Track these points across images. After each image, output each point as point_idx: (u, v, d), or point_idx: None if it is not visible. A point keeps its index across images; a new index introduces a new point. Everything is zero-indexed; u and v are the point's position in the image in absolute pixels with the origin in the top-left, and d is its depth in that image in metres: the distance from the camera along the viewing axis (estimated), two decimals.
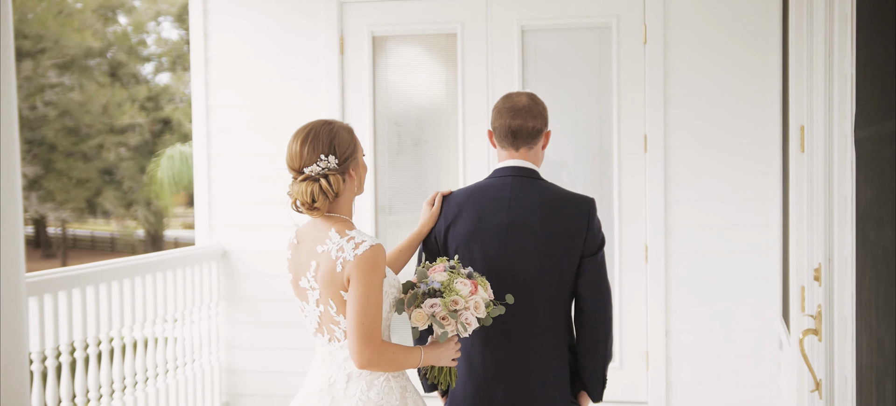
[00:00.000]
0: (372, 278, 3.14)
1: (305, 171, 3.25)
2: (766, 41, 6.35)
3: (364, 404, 3.25)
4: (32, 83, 26.99)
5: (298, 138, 3.26)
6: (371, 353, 3.14)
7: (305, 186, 3.23)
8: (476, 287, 3.30)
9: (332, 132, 3.26)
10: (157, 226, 31.88)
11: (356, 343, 3.14)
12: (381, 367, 3.20)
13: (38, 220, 32.31)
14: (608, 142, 6.66)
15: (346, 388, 3.28)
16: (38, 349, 5.04)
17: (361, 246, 3.14)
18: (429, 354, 3.36)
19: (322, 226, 3.29)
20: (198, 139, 7.15)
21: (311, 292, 3.29)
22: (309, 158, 3.23)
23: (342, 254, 3.16)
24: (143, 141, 29.65)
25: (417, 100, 6.96)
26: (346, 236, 3.20)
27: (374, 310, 3.14)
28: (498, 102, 3.73)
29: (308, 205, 3.25)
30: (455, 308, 3.27)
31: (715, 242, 6.50)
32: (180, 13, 29.39)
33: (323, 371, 3.35)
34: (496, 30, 6.73)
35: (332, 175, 3.24)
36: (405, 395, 3.35)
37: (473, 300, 3.26)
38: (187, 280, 6.52)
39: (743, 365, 6.51)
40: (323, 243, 3.24)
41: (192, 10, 7.12)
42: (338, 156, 3.25)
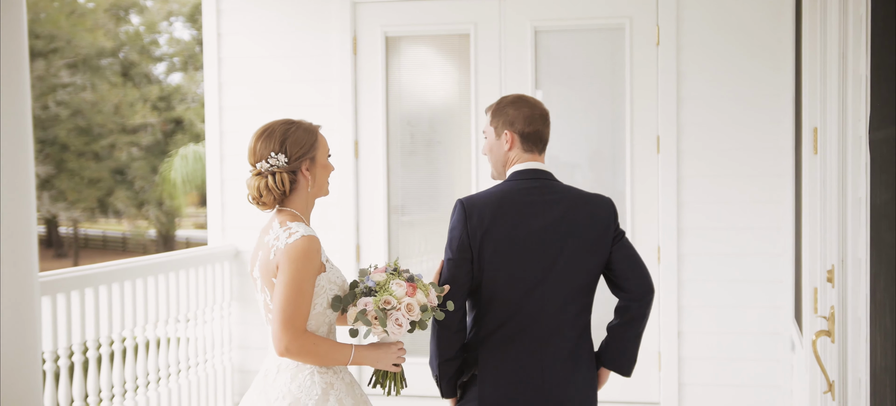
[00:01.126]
0: (299, 267, 3.20)
1: (256, 167, 3.35)
2: (780, 43, 6.34)
3: (283, 395, 3.29)
4: (45, 83, 27.08)
5: (256, 134, 3.37)
6: (289, 339, 3.19)
7: (254, 181, 3.37)
8: (414, 290, 3.32)
9: (286, 132, 3.34)
10: (168, 226, 31.95)
11: (277, 329, 3.21)
12: (300, 356, 3.24)
13: (50, 220, 32.41)
14: (620, 143, 6.66)
15: (274, 378, 3.35)
16: (51, 349, 5.05)
17: (294, 236, 3.24)
18: (363, 354, 3.36)
19: (273, 219, 3.39)
20: (211, 139, 7.17)
21: (257, 281, 3.39)
22: (260, 154, 3.34)
23: (277, 242, 3.26)
24: (154, 141, 29.71)
25: (430, 100, 6.97)
26: (285, 227, 3.29)
27: (298, 298, 3.20)
28: (523, 109, 3.69)
29: (256, 199, 3.38)
30: (386, 307, 3.28)
31: (727, 244, 6.49)
32: (192, 13, 29.45)
33: (265, 362, 3.44)
34: (509, 31, 6.73)
35: (278, 173, 3.33)
36: (329, 391, 3.33)
37: (407, 302, 3.28)
38: (200, 280, 6.53)
39: (755, 366, 6.50)
40: (267, 233, 3.34)
41: (206, 11, 7.13)
42: (288, 154, 3.33)
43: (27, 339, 4.25)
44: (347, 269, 6.88)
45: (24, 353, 4.23)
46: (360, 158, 6.94)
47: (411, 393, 6.03)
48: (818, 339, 3.58)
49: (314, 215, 6.40)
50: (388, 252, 6.91)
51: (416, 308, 3.28)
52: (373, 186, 6.94)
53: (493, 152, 3.71)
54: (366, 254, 6.93)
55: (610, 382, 6.68)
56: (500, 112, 3.68)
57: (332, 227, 6.93)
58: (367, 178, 6.93)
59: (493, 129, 3.69)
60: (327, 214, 6.91)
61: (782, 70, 6.34)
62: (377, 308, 3.28)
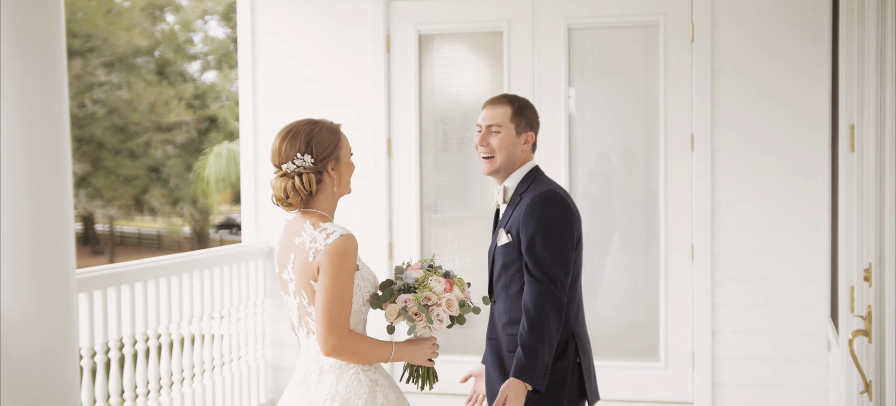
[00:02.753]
0: (340, 266, 3.22)
1: (282, 168, 3.36)
2: (816, 40, 6.29)
3: (332, 397, 3.31)
4: (81, 81, 27.31)
5: (280, 135, 3.37)
6: (336, 340, 3.21)
7: (280, 182, 3.36)
8: (451, 286, 3.36)
9: (311, 132, 3.35)
10: (202, 223, 32.13)
11: (322, 330, 3.22)
12: (346, 356, 3.27)
13: (87, 217, 32.69)
14: (654, 141, 6.62)
15: (318, 380, 3.36)
16: (88, 345, 5.09)
17: (332, 236, 3.24)
18: (402, 350, 3.40)
19: (300, 220, 3.38)
20: (245, 138, 7.20)
21: (290, 284, 3.38)
22: (286, 156, 3.34)
23: (314, 244, 3.26)
24: (189, 139, 29.88)
25: (463, 98, 6.96)
26: (320, 228, 3.29)
27: (342, 297, 3.22)
28: (536, 113, 4.04)
29: (282, 200, 3.38)
30: (427, 303, 3.31)
31: (762, 243, 6.44)
32: (227, 12, 29.59)
33: (302, 364, 3.46)
34: (542, 28, 6.71)
35: (305, 173, 3.34)
36: (375, 388, 3.37)
37: (447, 297, 3.32)
38: (234, 277, 6.56)
39: (790, 366, 6.45)
40: (299, 235, 3.33)
41: (240, 10, 7.17)
42: (314, 155, 3.34)
43: (65, 334, 4.29)
44: (380, 266, 6.89)
45: (61, 349, 4.27)
46: (393, 156, 6.94)
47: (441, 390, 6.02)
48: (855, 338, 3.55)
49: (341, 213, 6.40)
50: (421, 250, 6.92)
51: (455, 304, 3.32)
52: (405, 184, 6.94)
53: (510, 149, 3.90)
54: (398, 251, 6.94)
55: (643, 381, 6.67)
56: (520, 112, 3.91)
57: (363, 225, 6.94)
58: (400, 175, 6.94)
59: (514, 127, 3.89)
60: (359, 211, 6.93)
61: (818, 66, 6.29)
62: (418, 304, 3.30)
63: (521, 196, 3.85)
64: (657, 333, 6.68)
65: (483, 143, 3.90)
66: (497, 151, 3.86)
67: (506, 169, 3.91)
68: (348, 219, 6.72)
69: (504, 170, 3.91)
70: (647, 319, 6.73)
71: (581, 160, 6.76)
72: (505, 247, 3.81)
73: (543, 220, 3.72)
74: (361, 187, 6.92)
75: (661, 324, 6.63)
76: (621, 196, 6.76)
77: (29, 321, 4.13)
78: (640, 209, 6.70)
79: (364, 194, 6.91)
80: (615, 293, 6.80)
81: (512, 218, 3.82)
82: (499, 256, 3.85)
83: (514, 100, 3.93)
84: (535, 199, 3.76)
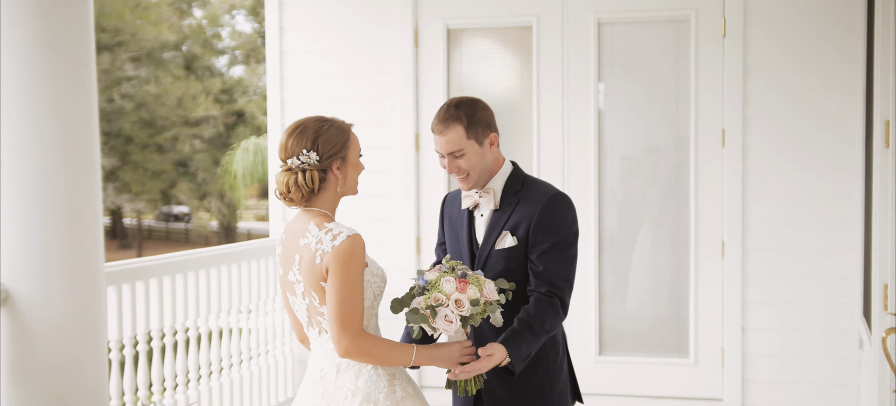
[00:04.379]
0: (349, 268, 3.20)
1: (288, 163, 3.33)
2: (850, 34, 6.23)
3: (353, 393, 3.30)
4: (110, 76, 27.46)
5: (288, 130, 3.35)
6: (348, 341, 3.20)
7: (284, 177, 3.34)
8: (465, 285, 3.30)
9: (319, 129, 3.32)
10: (230, 218, 32.26)
11: (335, 332, 3.21)
12: (361, 357, 3.25)
13: (115, 211, 32.89)
14: (685, 137, 6.58)
15: (336, 378, 3.35)
16: (116, 338, 5.11)
17: (339, 237, 3.21)
18: (425, 354, 3.35)
19: (303, 219, 3.36)
20: (272, 132, 7.20)
21: (297, 285, 3.36)
22: (292, 151, 3.32)
23: (321, 246, 3.23)
24: (216, 133, 30.01)
25: (491, 93, 6.94)
26: (325, 228, 3.26)
27: (352, 298, 3.20)
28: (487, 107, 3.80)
29: (284, 194, 3.36)
30: (436, 304, 3.27)
31: (794, 239, 6.39)
32: (254, 6, 29.68)
33: (316, 363, 3.43)
34: (572, 23, 6.68)
35: (309, 170, 3.31)
36: (393, 382, 3.37)
37: (455, 297, 3.27)
38: (261, 271, 6.56)
39: (822, 364, 6.40)
40: (304, 236, 3.31)
41: (268, 5, 7.17)
42: (320, 153, 3.31)
43: (94, 328, 4.30)
44: (407, 261, 6.88)
45: (90, 342, 4.28)
46: (421, 151, 6.93)
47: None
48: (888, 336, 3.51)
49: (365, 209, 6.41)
50: None
51: (465, 303, 3.26)
52: (433, 179, 6.93)
53: (480, 162, 3.71)
54: (426, 247, 6.93)
55: (673, 378, 6.64)
56: (473, 123, 3.67)
57: (390, 219, 6.93)
58: (428, 170, 6.92)
59: (474, 141, 3.68)
60: (386, 206, 6.92)
61: (853, 62, 6.23)
62: (426, 305, 3.27)
63: (516, 195, 3.73)
64: (687, 330, 6.64)
65: (452, 171, 3.72)
66: (470, 171, 3.69)
67: (484, 178, 3.76)
68: (375, 214, 6.72)
69: (483, 179, 3.76)
70: (676, 316, 6.69)
71: (610, 156, 6.72)
72: (510, 250, 3.67)
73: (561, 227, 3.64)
74: (389, 182, 6.91)
75: (691, 320, 6.59)
76: (651, 192, 6.72)
77: (59, 314, 4.15)
78: (670, 205, 6.66)
79: (392, 189, 6.90)
80: (645, 289, 6.77)
81: (514, 219, 3.68)
82: (499, 260, 3.69)
83: (461, 112, 3.67)
84: (549, 203, 3.66)
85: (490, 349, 3.42)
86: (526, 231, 3.64)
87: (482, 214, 3.80)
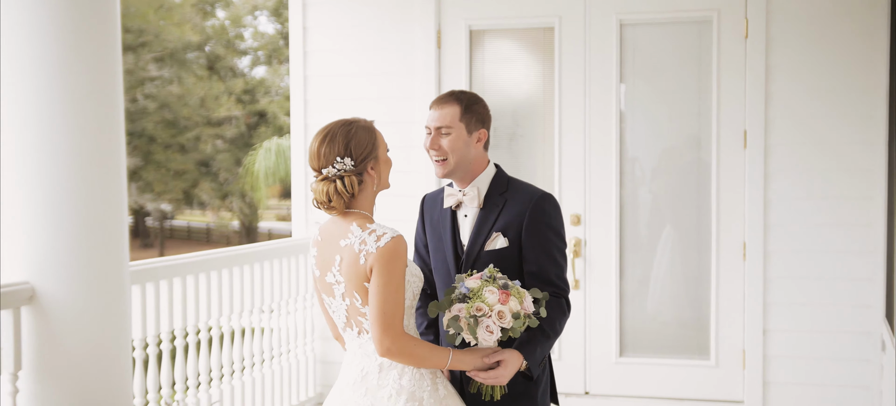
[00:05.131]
0: (393, 268, 3.22)
1: (323, 172, 3.33)
2: (873, 35, 6.21)
3: (397, 392, 3.33)
4: (133, 76, 27.57)
5: (317, 138, 3.35)
6: (390, 341, 3.21)
7: (322, 186, 3.33)
8: (507, 297, 3.31)
9: (348, 133, 3.33)
10: (251, 217, 32.33)
11: (377, 332, 3.22)
12: (401, 357, 3.26)
13: (137, 211, 33.02)
14: (706, 138, 6.57)
15: (378, 378, 3.36)
16: (140, 336, 5.14)
17: (383, 238, 3.23)
18: (460, 358, 3.37)
19: (343, 221, 3.37)
20: (296, 132, 7.23)
21: (336, 286, 3.37)
22: (325, 160, 3.32)
23: (365, 246, 3.24)
24: (238, 133, 30.08)
25: (513, 94, 6.95)
26: (368, 229, 3.27)
27: (395, 299, 3.22)
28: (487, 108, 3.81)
29: (325, 204, 3.35)
30: (478, 314, 3.28)
31: (816, 241, 6.37)
32: (276, 7, 29.74)
33: (356, 364, 3.44)
34: (594, 24, 6.68)
35: (347, 176, 3.31)
36: (436, 380, 3.40)
37: (498, 309, 3.27)
38: (284, 271, 6.59)
39: (844, 366, 6.37)
40: (345, 237, 3.32)
41: (292, 5, 7.20)
42: (354, 157, 3.32)
43: (118, 326, 4.33)
44: None
45: (115, 340, 4.31)
46: None
47: None
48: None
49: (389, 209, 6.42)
50: None
51: (507, 315, 3.28)
52: None
53: (462, 150, 3.69)
54: None
55: (694, 380, 6.63)
56: (470, 109, 3.69)
57: (412, 219, 6.93)
58: None
59: (464, 126, 3.67)
60: (411, 206, 6.93)
61: (875, 62, 6.21)
62: (469, 314, 3.28)
63: (502, 196, 3.71)
64: (708, 331, 6.63)
65: (433, 147, 3.68)
66: (449, 153, 3.66)
67: (462, 170, 3.72)
68: (399, 214, 6.74)
69: (460, 171, 3.72)
70: (697, 317, 6.68)
71: (632, 157, 6.72)
72: (500, 251, 3.64)
73: (553, 227, 3.65)
74: (412, 182, 6.93)
75: (712, 322, 6.58)
76: (672, 193, 6.71)
77: (84, 312, 4.18)
78: (691, 206, 6.65)
79: (414, 189, 6.91)
80: (665, 290, 6.76)
81: (503, 220, 3.66)
82: (489, 261, 3.63)
83: (462, 96, 3.71)
84: (538, 203, 3.65)
85: (504, 355, 3.43)
86: (517, 232, 3.63)
87: (466, 215, 3.77)
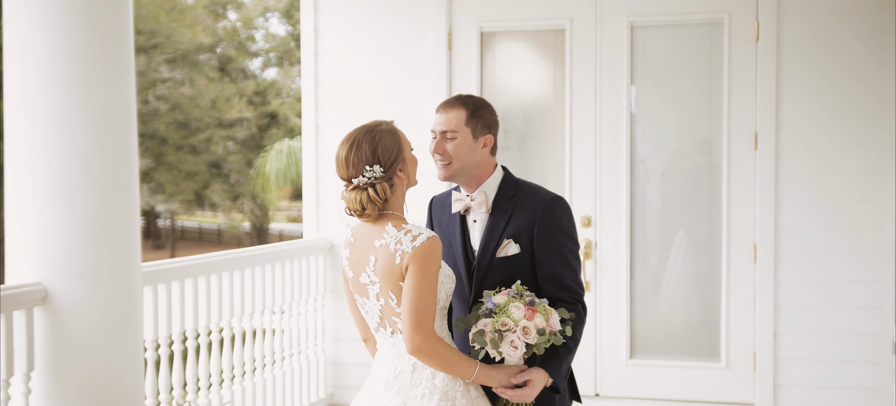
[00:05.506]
0: (428, 268, 3.24)
1: (353, 182, 3.36)
2: (884, 37, 6.20)
3: (430, 391, 3.33)
4: (145, 78, 27.63)
5: (343, 148, 3.37)
6: (422, 340, 3.23)
7: (354, 195, 3.36)
8: (533, 313, 3.31)
9: (374, 140, 3.34)
10: (262, 219, 32.37)
11: (408, 329, 3.24)
12: (430, 358, 3.26)
13: (149, 212, 33.09)
14: (717, 140, 6.57)
15: (411, 376, 3.37)
16: (152, 337, 5.16)
17: (419, 237, 3.27)
18: (486, 372, 3.37)
19: (383, 223, 3.38)
20: (307, 134, 7.24)
21: (371, 287, 3.38)
22: (355, 170, 3.34)
23: (400, 246, 3.27)
24: (250, 135, 30.11)
25: (524, 96, 6.95)
26: (403, 229, 3.31)
27: (428, 298, 3.24)
28: (494, 113, 3.78)
29: (359, 212, 3.38)
30: (503, 329, 3.29)
31: (827, 243, 6.36)
32: (288, 9, 29.78)
33: (388, 363, 3.45)
34: (605, 26, 6.68)
35: (378, 183, 3.34)
36: (467, 383, 3.40)
37: (523, 324, 3.28)
38: (295, 272, 6.61)
39: (855, 369, 6.36)
40: (380, 238, 3.34)
41: (304, 7, 7.21)
42: (382, 163, 3.34)
43: (130, 327, 4.35)
44: None
45: (127, 341, 4.33)
46: None
47: None
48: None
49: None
50: None
51: (532, 331, 3.28)
52: None
53: (467, 155, 3.66)
54: None
55: (704, 382, 6.62)
56: (476, 114, 3.67)
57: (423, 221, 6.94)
58: None
59: (470, 131, 3.65)
60: (422, 209, 6.93)
61: (886, 64, 6.20)
62: (494, 329, 3.29)
63: (511, 201, 3.69)
64: (718, 334, 6.62)
65: (438, 151, 3.65)
66: (454, 158, 3.64)
67: (466, 174, 3.70)
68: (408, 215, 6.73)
69: (464, 175, 3.70)
70: (708, 319, 6.68)
71: (642, 159, 6.72)
72: (512, 258, 3.62)
73: (566, 231, 3.63)
74: (423, 184, 6.93)
75: (723, 324, 6.58)
76: (683, 195, 6.71)
77: (96, 313, 4.20)
78: (702, 209, 6.65)
79: (425, 191, 6.91)
80: (676, 293, 6.76)
81: (514, 226, 3.64)
82: (501, 268, 3.62)
83: (469, 101, 3.68)
84: (549, 208, 3.64)
85: (532, 374, 3.43)
86: (529, 238, 3.61)
87: (475, 220, 3.76)
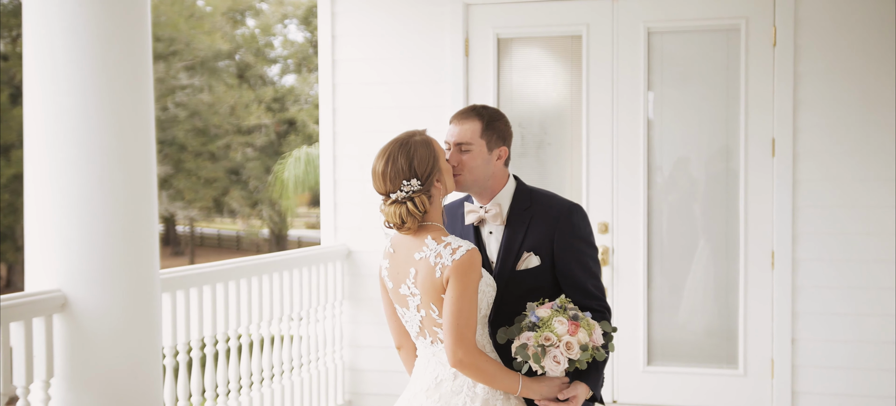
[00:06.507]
0: (468, 281, 3.26)
1: (392, 197, 3.37)
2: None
3: (471, 399, 3.36)
4: (164, 85, 27.72)
5: (379, 163, 3.38)
6: (463, 353, 3.25)
7: (394, 209, 3.37)
8: (576, 328, 3.31)
9: (409, 153, 3.35)
10: (281, 225, 32.42)
11: (450, 342, 3.26)
12: (471, 371, 3.29)
13: (168, 218, 33.19)
14: (734, 146, 6.56)
15: (453, 384, 3.40)
16: (170, 344, 5.17)
17: (459, 251, 3.28)
18: (529, 385, 3.39)
19: (423, 235, 3.39)
20: (324, 141, 7.26)
21: (411, 298, 3.40)
22: (392, 184, 3.36)
23: (440, 259, 3.29)
24: (268, 141, 30.18)
25: (540, 102, 6.95)
26: (443, 242, 3.32)
27: (469, 310, 3.26)
28: (509, 124, 3.77)
29: (399, 226, 3.39)
30: (546, 344, 3.29)
31: (845, 250, 6.34)
32: (306, 16, 29.83)
33: (429, 371, 3.47)
34: (621, 32, 6.68)
35: (417, 197, 3.35)
36: None
37: (566, 340, 3.29)
38: (313, 279, 6.62)
39: (873, 376, 6.33)
40: (420, 250, 3.36)
41: (321, 14, 7.23)
42: (419, 176, 3.35)
43: (149, 333, 4.37)
44: None
45: (145, 348, 4.35)
46: None
47: None
48: None
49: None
50: None
51: (575, 347, 3.29)
52: None
53: (482, 167, 3.64)
54: None
55: (722, 389, 6.60)
56: (491, 126, 3.66)
57: None
58: None
59: (484, 143, 3.64)
60: None
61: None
62: (537, 344, 3.30)
63: (527, 212, 3.67)
64: (736, 340, 6.61)
65: (452, 162, 3.62)
66: (468, 170, 3.61)
67: (479, 186, 3.67)
68: None
69: (477, 187, 3.68)
70: (726, 326, 6.66)
71: (659, 165, 6.71)
72: (534, 271, 3.61)
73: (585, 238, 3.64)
74: None
75: (741, 331, 6.56)
76: (700, 202, 6.69)
77: (115, 320, 4.22)
78: (719, 215, 6.63)
79: None
80: (694, 299, 6.74)
81: (532, 238, 3.62)
82: (522, 280, 3.62)
83: (484, 112, 3.67)
84: (567, 218, 3.63)
85: (574, 390, 3.45)
86: (549, 250, 3.61)
87: (491, 232, 3.74)
